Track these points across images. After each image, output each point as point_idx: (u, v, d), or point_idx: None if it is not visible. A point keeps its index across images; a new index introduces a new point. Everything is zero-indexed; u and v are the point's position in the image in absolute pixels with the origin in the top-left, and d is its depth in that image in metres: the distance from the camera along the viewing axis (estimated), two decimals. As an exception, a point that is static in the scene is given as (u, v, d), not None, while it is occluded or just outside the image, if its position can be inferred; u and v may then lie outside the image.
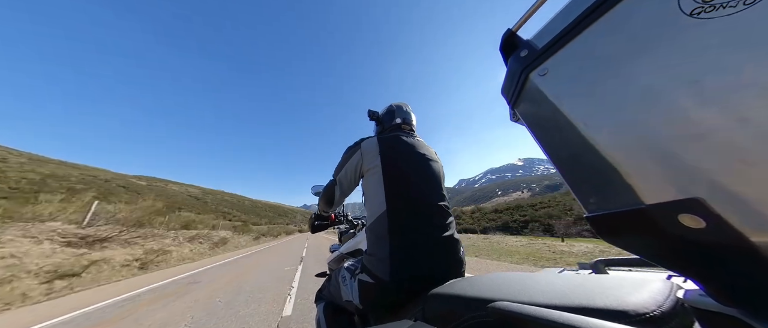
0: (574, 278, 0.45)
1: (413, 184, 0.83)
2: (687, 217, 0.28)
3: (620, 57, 0.33)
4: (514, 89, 0.46)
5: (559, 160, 0.42)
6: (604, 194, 0.36)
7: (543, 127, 0.44)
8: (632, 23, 0.31)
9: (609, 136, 0.33)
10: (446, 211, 0.84)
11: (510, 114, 0.53)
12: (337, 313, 0.98)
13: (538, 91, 0.41)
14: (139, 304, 3.71)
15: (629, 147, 0.32)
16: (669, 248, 0.33)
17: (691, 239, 0.29)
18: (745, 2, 0.24)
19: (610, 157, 0.33)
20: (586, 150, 0.36)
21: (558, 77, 0.39)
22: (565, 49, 0.38)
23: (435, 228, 0.79)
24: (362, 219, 1.68)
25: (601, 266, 0.67)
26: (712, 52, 0.26)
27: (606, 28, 0.34)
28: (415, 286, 0.69)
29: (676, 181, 0.28)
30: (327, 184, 1.05)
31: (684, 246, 0.31)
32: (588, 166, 0.37)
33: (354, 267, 0.87)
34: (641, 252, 0.39)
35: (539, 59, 0.41)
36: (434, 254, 0.75)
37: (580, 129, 0.36)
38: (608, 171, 0.34)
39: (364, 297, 0.77)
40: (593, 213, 0.38)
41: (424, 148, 0.95)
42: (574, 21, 0.36)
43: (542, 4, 0.46)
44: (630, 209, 0.32)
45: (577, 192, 0.40)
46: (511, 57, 0.46)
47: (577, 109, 0.37)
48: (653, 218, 0.30)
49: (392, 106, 1.12)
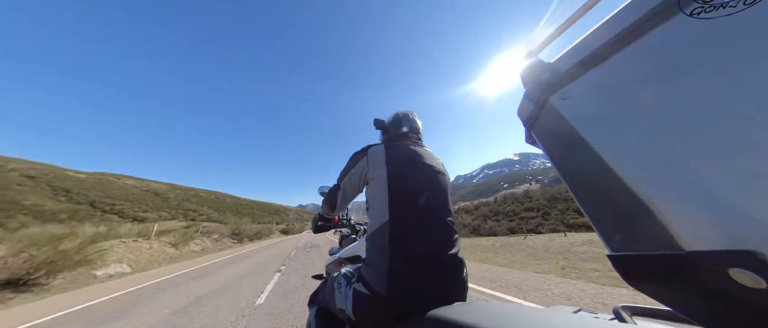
0: (592, 323, 0.42)
1: (419, 196, 0.80)
2: (739, 272, 0.23)
3: (654, 84, 0.29)
4: (532, 111, 0.45)
5: (580, 190, 0.40)
6: (632, 232, 0.32)
7: (562, 153, 0.43)
8: (669, 49, 0.28)
9: (640, 170, 0.30)
10: (452, 227, 0.81)
11: (526, 136, 0.51)
12: (329, 320, 0.96)
13: (559, 116, 0.40)
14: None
15: (666, 184, 0.28)
16: (712, 305, 0.28)
17: (742, 299, 0.24)
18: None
19: (641, 194, 0.29)
20: (611, 182, 0.33)
21: (581, 102, 0.37)
22: (591, 74, 0.36)
23: (439, 244, 0.76)
24: (365, 225, 1.65)
25: (625, 314, 0.57)
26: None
27: (639, 54, 0.31)
28: (412, 304, 0.66)
29: (727, 227, 0.24)
30: (330, 188, 1.03)
31: (732, 306, 0.26)
32: (613, 199, 0.34)
33: (351, 275, 0.85)
34: (675, 305, 0.33)
35: (561, 83, 0.39)
36: (436, 273, 0.72)
37: (606, 159, 0.33)
38: (638, 208, 0.30)
39: (357, 308, 0.74)
40: (617, 252, 0.34)
41: (431, 159, 0.93)
42: (602, 46, 0.34)
43: (565, 30, 0.44)
44: (665, 253, 0.28)
45: (600, 227, 0.37)
46: (531, 79, 0.44)
47: (602, 137, 0.34)
48: (694, 268, 0.26)
49: (398, 114, 1.10)
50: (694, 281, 0.27)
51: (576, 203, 0.40)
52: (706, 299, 0.28)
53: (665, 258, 0.28)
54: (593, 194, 0.37)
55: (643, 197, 0.29)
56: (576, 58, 0.37)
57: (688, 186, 0.26)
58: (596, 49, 0.34)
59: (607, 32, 0.33)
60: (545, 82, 0.41)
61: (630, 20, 0.31)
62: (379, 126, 1.16)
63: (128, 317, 3.41)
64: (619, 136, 0.32)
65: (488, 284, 4.18)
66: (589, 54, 0.35)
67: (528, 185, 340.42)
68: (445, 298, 0.67)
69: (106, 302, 4.29)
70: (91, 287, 5.64)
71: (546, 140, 0.45)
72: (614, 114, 0.33)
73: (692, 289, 0.28)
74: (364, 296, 0.71)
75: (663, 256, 0.28)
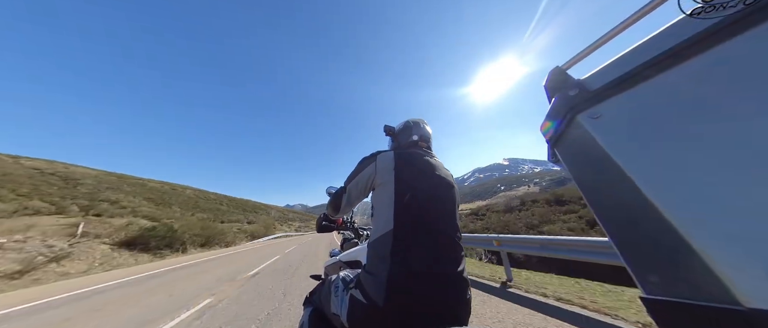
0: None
1: (426, 208, 0.78)
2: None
3: (698, 112, 0.27)
4: (558, 128, 0.43)
5: (608, 219, 0.36)
6: (674, 275, 0.28)
7: (588, 175, 0.40)
8: (709, 78, 0.26)
9: (683, 202, 0.26)
10: (458, 243, 0.79)
11: (548, 154, 0.50)
12: (323, 323, 0.95)
13: (587, 135, 0.38)
14: None
15: (718, 221, 0.24)
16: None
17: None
18: (745, 2, 0.22)
19: (684, 230, 0.26)
20: (646, 213, 0.29)
21: (614, 123, 0.35)
22: (626, 94, 0.34)
23: (443, 260, 0.73)
24: (368, 230, 1.65)
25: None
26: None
27: (681, 79, 0.29)
28: (409, 319, 0.64)
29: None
30: (336, 190, 1.02)
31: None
32: (649, 233, 0.30)
33: (350, 280, 0.83)
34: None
35: (591, 101, 0.38)
36: (437, 290, 0.69)
37: (641, 188, 0.30)
38: (682, 248, 0.26)
39: (352, 316, 0.72)
40: (653, 296, 0.30)
41: (441, 170, 0.91)
42: (640, 67, 0.32)
43: (598, 48, 0.42)
44: (719, 307, 0.24)
45: (632, 264, 0.33)
46: (558, 95, 0.42)
47: (637, 162, 0.32)
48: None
49: (409, 121, 1.09)
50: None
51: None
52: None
53: (719, 312, 0.24)
54: (624, 223, 0.34)
55: (687, 235, 0.25)
56: (610, 76, 0.35)
57: (753, 228, 0.22)
58: (633, 69, 0.33)
59: (646, 53, 0.32)
60: (573, 98, 0.40)
61: (671, 44, 0.30)
62: (389, 133, 1.15)
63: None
64: (659, 165, 0.29)
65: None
66: (626, 74, 0.34)
67: (526, 188, 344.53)
68: (446, 318, 0.65)
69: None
70: None
71: (571, 160, 0.43)
72: (652, 140, 0.30)
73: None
74: (361, 304, 0.70)
75: (717, 309, 0.24)
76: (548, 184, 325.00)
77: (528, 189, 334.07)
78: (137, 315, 3.42)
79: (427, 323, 0.54)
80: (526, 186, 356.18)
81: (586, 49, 0.42)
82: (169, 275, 6.75)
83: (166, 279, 6.24)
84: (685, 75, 0.29)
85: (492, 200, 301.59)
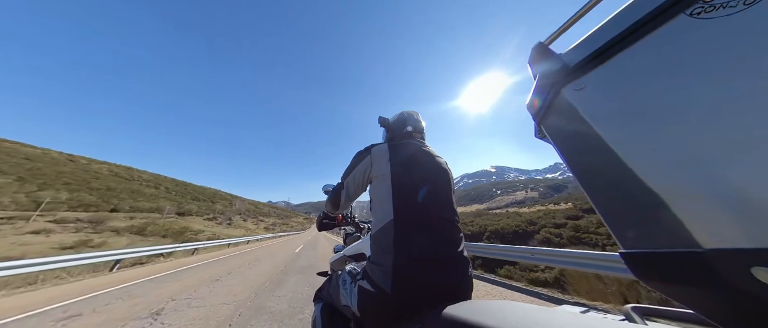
0: (600, 324, 0.41)
1: (423, 194, 0.80)
2: (763, 271, 0.23)
3: (672, 79, 0.29)
4: (543, 104, 0.44)
5: (591, 186, 0.39)
6: (648, 229, 0.32)
7: (573, 148, 0.42)
8: (691, 39, 0.28)
9: (658, 167, 0.29)
10: (456, 225, 0.82)
11: (535, 130, 0.50)
12: (335, 316, 0.97)
13: (571, 108, 0.39)
14: None
15: (684, 180, 0.27)
16: (733, 306, 0.27)
17: (765, 298, 0.24)
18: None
19: (657, 187, 0.29)
20: (625, 178, 0.32)
21: (595, 94, 0.37)
22: (606, 66, 0.35)
23: (444, 243, 0.76)
24: (369, 223, 1.65)
25: (635, 315, 0.56)
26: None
27: (656, 46, 0.30)
28: (417, 302, 0.67)
29: (749, 225, 0.23)
30: (334, 186, 1.03)
31: (753, 305, 0.25)
32: (627, 195, 0.33)
33: (356, 272, 0.86)
34: (692, 304, 0.32)
35: (574, 74, 0.39)
36: (441, 271, 0.72)
37: (619, 153, 0.32)
38: (653, 203, 0.29)
39: (362, 305, 0.74)
40: (631, 250, 0.34)
41: (435, 157, 0.93)
42: (618, 36, 0.33)
43: (577, 20, 0.44)
44: (681, 251, 0.28)
45: (612, 224, 0.36)
46: (541, 71, 0.44)
47: (617, 131, 0.34)
48: (714, 267, 0.26)
49: (403, 113, 1.10)
50: (714, 280, 0.26)
51: (587, 198, 0.39)
52: (727, 299, 0.27)
53: (683, 256, 0.28)
54: (606, 189, 0.37)
55: (660, 193, 0.28)
56: (590, 48, 0.36)
57: (709, 183, 0.25)
58: (611, 39, 0.33)
59: (623, 23, 0.32)
60: (556, 73, 0.40)
61: (647, 9, 0.30)
62: (383, 124, 1.15)
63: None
64: (636, 132, 0.31)
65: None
66: (605, 45, 0.34)
67: (525, 192, 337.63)
68: (451, 296, 0.67)
69: None
70: None
71: (556, 134, 0.44)
72: (630, 108, 0.32)
73: (711, 288, 0.27)
74: (370, 293, 0.72)
75: (680, 254, 0.28)
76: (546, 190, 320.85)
77: (526, 194, 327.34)
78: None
79: (434, 303, 0.57)
80: (523, 191, 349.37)
81: (567, 22, 0.43)
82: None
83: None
84: (661, 41, 0.29)
85: (490, 203, 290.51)
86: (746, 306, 0.25)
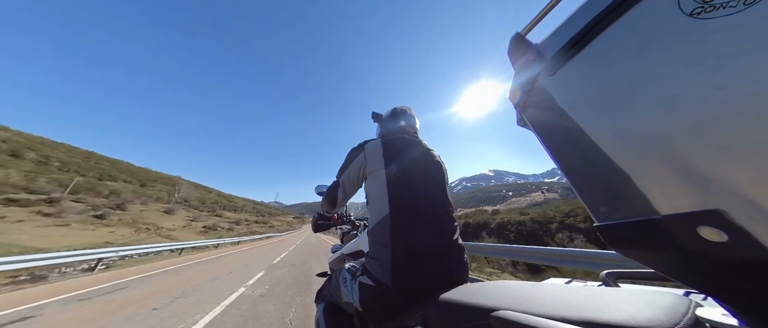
0: (582, 290, 0.45)
1: (417, 188, 0.82)
2: (707, 230, 0.26)
3: (633, 62, 0.31)
4: (522, 94, 0.46)
5: (568, 168, 0.41)
6: (616, 203, 0.35)
7: (551, 133, 0.44)
8: (646, 27, 0.30)
9: (620, 143, 0.32)
10: (451, 216, 0.84)
11: (517, 118, 0.53)
12: (337, 314, 0.98)
13: (547, 96, 0.41)
14: None
15: (642, 153, 0.30)
16: (687, 262, 0.31)
17: (711, 254, 0.27)
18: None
19: (622, 164, 0.32)
20: (596, 157, 0.34)
21: (568, 82, 0.39)
22: (577, 54, 0.37)
23: (439, 234, 0.77)
24: (365, 220, 1.67)
25: (611, 279, 0.63)
26: (731, 58, 0.24)
27: (618, 33, 0.32)
28: (417, 292, 0.68)
29: (694, 191, 0.27)
30: (330, 185, 1.03)
31: (704, 261, 0.29)
32: (599, 174, 0.36)
33: (356, 269, 0.86)
34: (656, 266, 0.36)
35: (548, 63, 0.40)
36: (438, 261, 0.74)
37: (591, 135, 0.35)
38: (620, 179, 0.32)
39: (364, 299, 0.76)
40: (603, 223, 0.36)
41: (428, 151, 0.94)
42: (586, 26, 0.35)
43: (551, 9, 0.45)
44: (643, 219, 0.31)
45: (587, 201, 0.39)
46: (519, 61, 0.45)
47: (586, 114, 0.36)
48: (669, 230, 0.29)
49: (396, 109, 1.12)
50: (671, 242, 0.30)
51: (566, 180, 0.41)
52: (681, 257, 0.31)
53: (644, 223, 0.31)
54: (581, 169, 0.39)
55: (624, 167, 0.31)
56: (563, 37, 0.38)
57: (663, 156, 0.28)
58: (582, 28, 0.35)
59: (591, 12, 0.34)
60: (533, 63, 0.42)
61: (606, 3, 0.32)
62: (376, 119, 1.17)
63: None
64: (604, 114, 0.34)
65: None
66: (577, 33, 0.36)
67: (542, 194, 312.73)
68: (450, 283, 0.67)
69: None
70: None
71: (536, 122, 0.46)
72: (598, 93, 0.34)
73: (669, 249, 0.31)
74: (370, 287, 0.73)
75: (642, 221, 0.31)
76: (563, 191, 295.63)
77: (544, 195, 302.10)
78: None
79: (433, 291, 0.59)
80: (539, 192, 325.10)
81: (542, 11, 0.45)
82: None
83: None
84: (630, 29, 0.31)
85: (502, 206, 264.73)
86: (696, 261, 0.30)
